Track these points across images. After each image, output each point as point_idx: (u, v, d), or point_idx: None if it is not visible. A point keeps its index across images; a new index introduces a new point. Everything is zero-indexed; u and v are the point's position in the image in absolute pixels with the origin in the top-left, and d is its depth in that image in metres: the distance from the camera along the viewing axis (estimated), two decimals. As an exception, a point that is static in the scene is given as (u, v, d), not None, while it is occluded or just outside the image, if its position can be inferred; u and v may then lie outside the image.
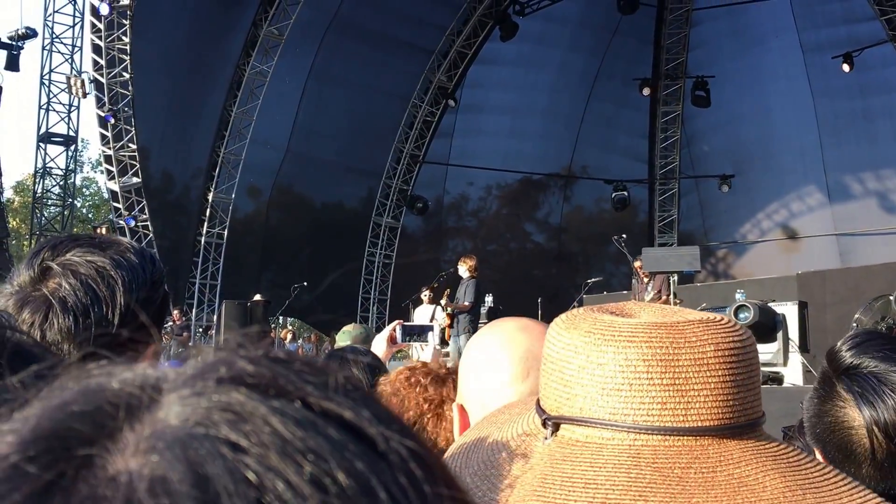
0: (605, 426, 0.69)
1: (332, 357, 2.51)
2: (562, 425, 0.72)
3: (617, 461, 0.67)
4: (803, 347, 10.42)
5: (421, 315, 10.64)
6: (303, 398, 0.29)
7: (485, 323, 10.66)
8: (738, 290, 11.35)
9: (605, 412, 0.69)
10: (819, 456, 1.20)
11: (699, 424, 0.68)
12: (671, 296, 9.90)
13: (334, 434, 0.28)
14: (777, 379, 9.18)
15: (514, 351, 1.11)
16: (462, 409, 1.14)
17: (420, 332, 3.29)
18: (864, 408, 1.17)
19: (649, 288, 9.97)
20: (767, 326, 10.52)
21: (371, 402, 0.31)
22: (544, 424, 0.73)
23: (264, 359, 0.31)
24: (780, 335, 10.61)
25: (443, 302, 9.98)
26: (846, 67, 17.54)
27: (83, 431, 0.27)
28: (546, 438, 0.72)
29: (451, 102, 19.14)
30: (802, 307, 11.47)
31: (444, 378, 1.84)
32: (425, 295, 10.83)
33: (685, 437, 0.68)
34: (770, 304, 10.95)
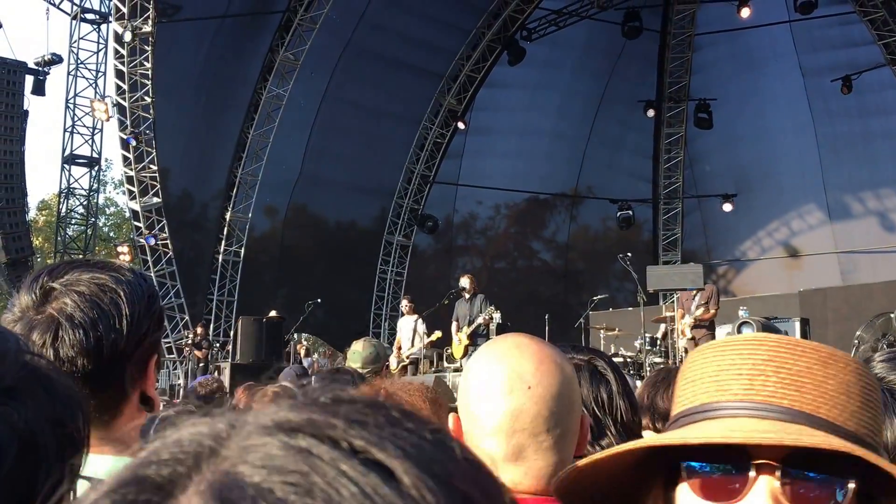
0: None
1: (326, 378, 2.71)
2: None
3: None
4: (804, 363, 10.71)
5: (403, 326, 10.78)
6: (350, 443, 0.32)
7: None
8: (742, 307, 11.62)
9: None
10: None
11: None
12: (719, 308, 10.03)
13: (374, 483, 0.30)
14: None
15: (503, 367, 1.12)
16: (457, 419, 1.17)
17: None
18: (888, 423, 1.11)
19: (696, 299, 9.91)
20: (770, 343, 10.76)
21: (423, 446, 0.33)
22: None
23: (318, 405, 0.34)
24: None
25: (466, 329, 10.10)
26: (845, 90, 17.97)
27: (155, 478, 0.32)
28: None
29: (461, 125, 19.61)
30: (804, 324, 11.73)
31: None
32: (405, 306, 11.00)
33: None
34: (773, 321, 11.26)
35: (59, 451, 0.70)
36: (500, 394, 1.09)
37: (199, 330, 13.99)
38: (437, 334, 10.49)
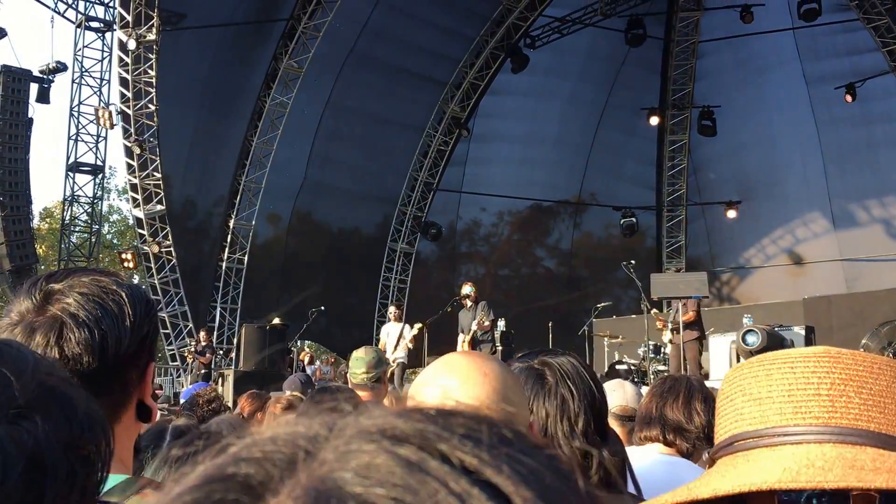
0: None
1: (314, 397, 2.63)
2: None
3: None
4: (809, 371, 10.63)
5: (389, 332, 10.73)
6: (461, 460, 0.30)
7: (497, 348, 10.89)
8: (746, 315, 11.56)
9: None
10: None
11: None
12: (699, 311, 9.95)
13: (477, 497, 0.29)
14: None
15: (433, 386, 1.16)
16: None
17: None
18: None
19: (679, 304, 9.91)
20: (775, 351, 10.68)
21: (522, 458, 0.31)
22: None
23: (426, 415, 0.32)
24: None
25: (466, 338, 10.05)
26: (848, 98, 17.94)
27: (244, 477, 0.30)
28: None
29: (464, 132, 19.65)
30: (809, 332, 11.65)
31: None
32: (392, 313, 11.00)
33: None
34: (777, 329, 11.18)
35: (70, 473, 0.68)
36: None
37: (202, 335, 13.95)
38: (419, 326, 10.50)
